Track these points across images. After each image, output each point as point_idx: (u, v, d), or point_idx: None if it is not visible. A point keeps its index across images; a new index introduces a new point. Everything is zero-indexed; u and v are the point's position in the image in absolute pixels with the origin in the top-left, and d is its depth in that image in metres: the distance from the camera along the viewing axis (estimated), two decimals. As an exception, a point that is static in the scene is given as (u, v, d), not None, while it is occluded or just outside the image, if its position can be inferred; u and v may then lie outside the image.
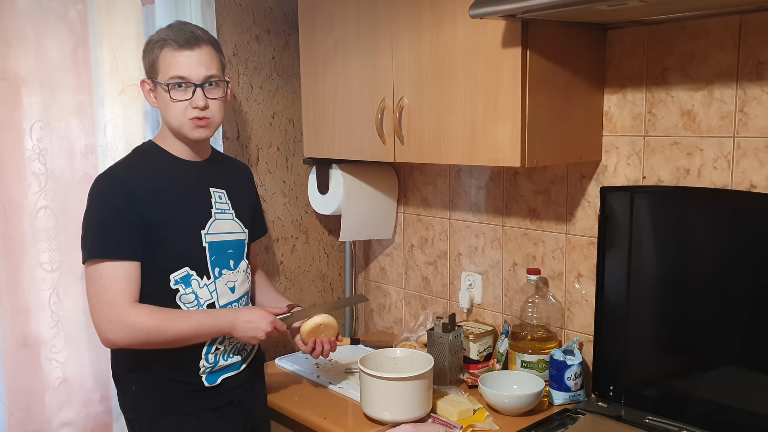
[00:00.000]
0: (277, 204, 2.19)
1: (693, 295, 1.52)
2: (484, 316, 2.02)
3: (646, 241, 1.59)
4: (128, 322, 1.41)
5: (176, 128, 1.51)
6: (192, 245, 1.51)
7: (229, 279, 1.58)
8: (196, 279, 1.51)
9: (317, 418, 1.66)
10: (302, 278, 2.29)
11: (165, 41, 1.48)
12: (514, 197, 1.91)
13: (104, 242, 1.43)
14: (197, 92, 1.47)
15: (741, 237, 1.44)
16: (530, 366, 1.75)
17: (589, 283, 1.76)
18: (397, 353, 1.74)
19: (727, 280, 1.46)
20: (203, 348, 1.53)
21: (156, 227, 1.46)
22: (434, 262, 2.16)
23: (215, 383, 1.55)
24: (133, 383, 1.54)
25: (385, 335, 2.28)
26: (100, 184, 1.49)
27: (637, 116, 1.61)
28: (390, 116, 1.76)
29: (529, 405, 1.62)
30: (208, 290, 1.53)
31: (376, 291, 2.36)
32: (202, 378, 1.53)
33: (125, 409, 1.57)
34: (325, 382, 1.85)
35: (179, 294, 1.50)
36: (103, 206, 1.46)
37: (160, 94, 1.50)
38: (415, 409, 1.57)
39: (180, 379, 1.52)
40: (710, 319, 1.50)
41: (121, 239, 1.44)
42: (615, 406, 1.64)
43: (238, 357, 1.60)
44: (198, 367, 1.52)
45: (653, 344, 1.62)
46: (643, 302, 1.61)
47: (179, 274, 1.50)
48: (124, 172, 1.51)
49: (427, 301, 2.19)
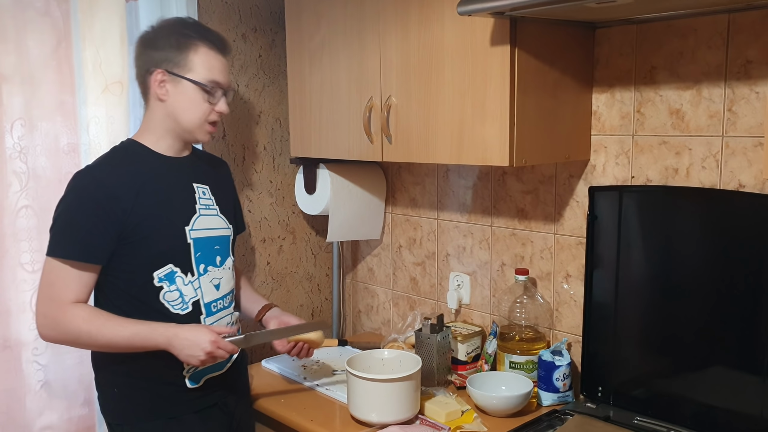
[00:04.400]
0: (263, 204, 2.17)
1: (681, 295, 1.52)
2: (473, 317, 2.01)
3: (635, 240, 1.59)
4: (61, 322, 1.41)
5: (188, 128, 1.49)
6: (176, 241, 1.48)
7: (214, 276, 1.55)
8: (180, 276, 1.49)
9: (304, 420, 1.63)
10: (289, 279, 2.27)
11: (204, 40, 1.47)
12: (502, 197, 1.90)
13: (66, 242, 1.42)
14: (223, 99, 1.50)
15: (729, 237, 1.44)
16: (518, 367, 1.73)
17: (578, 284, 1.75)
18: (385, 354, 1.72)
19: (715, 279, 1.46)
20: None
21: (136, 225, 1.44)
22: (422, 263, 2.15)
23: (198, 384, 1.53)
24: (115, 386, 1.51)
25: (373, 336, 2.26)
26: (76, 180, 1.46)
27: (626, 115, 1.61)
28: (378, 115, 1.74)
29: (517, 406, 1.61)
30: (193, 287, 1.50)
31: (364, 292, 2.34)
32: (185, 379, 1.51)
33: (106, 413, 1.55)
34: (312, 384, 1.83)
35: (163, 292, 1.47)
36: (74, 204, 1.43)
37: (182, 90, 1.46)
38: (403, 410, 1.56)
39: (163, 380, 1.50)
40: (698, 319, 1.49)
41: (85, 241, 1.41)
42: (603, 407, 1.63)
43: None
44: (182, 366, 1.49)
45: (642, 345, 1.61)
46: (632, 302, 1.61)
47: (163, 271, 1.47)
48: (103, 171, 1.47)
49: (415, 301, 2.18)
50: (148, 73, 1.48)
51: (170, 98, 1.47)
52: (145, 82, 1.49)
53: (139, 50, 1.51)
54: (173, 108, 1.48)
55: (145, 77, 1.49)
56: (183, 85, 1.46)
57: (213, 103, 1.48)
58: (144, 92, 1.52)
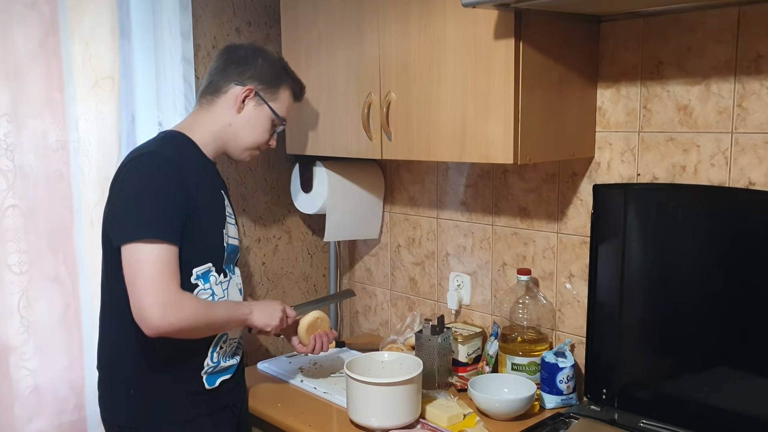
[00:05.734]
0: (258, 203, 2.12)
1: (688, 295, 1.49)
2: (473, 318, 1.97)
3: (640, 240, 1.55)
4: (182, 308, 1.35)
5: (242, 145, 1.57)
6: (216, 241, 1.48)
7: (237, 282, 1.59)
8: (214, 275, 1.48)
9: (301, 425, 1.59)
10: (285, 280, 2.22)
11: (294, 84, 1.64)
12: (504, 196, 1.85)
13: (161, 222, 1.36)
14: (275, 137, 1.64)
15: (738, 236, 1.40)
16: (521, 369, 1.70)
17: (581, 284, 1.71)
18: (385, 357, 1.68)
19: (723, 280, 1.43)
20: (210, 347, 1.48)
21: (195, 216, 1.42)
22: (421, 263, 2.10)
23: (214, 385, 1.51)
24: (133, 387, 1.46)
25: (371, 337, 2.22)
26: (147, 161, 1.41)
27: (632, 112, 1.57)
28: (377, 111, 1.69)
29: (520, 410, 1.57)
30: (222, 288, 1.51)
31: (362, 292, 2.30)
32: (203, 379, 1.48)
33: (117, 416, 1.49)
34: (310, 387, 1.79)
35: (197, 290, 1.45)
36: (155, 185, 1.38)
37: (259, 113, 1.56)
38: (404, 415, 1.52)
39: (182, 380, 1.47)
40: (706, 320, 1.46)
41: (174, 222, 1.38)
42: (608, 410, 1.60)
43: (234, 360, 1.57)
44: (202, 366, 1.48)
45: (647, 346, 1.57)
46: (637, 303, 1.57)
47: (202, 269, 1.46)
48: (172, 153, 1.44)
49: (414, 302, 2.14)
50: (236, 83, 1.54)
51: (245, 114, 1.54)
52: (226, 89, 1.54)
53: (231, 60, 1.56)
54: (241, 123, 1.55)
55: (229, 85, 1.54)
56: (263, 109, 1.56)
57: (271, 135, 1.61)
58: (214, 94, 1.55)
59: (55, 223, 1.66)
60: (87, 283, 1.71)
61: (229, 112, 1.54)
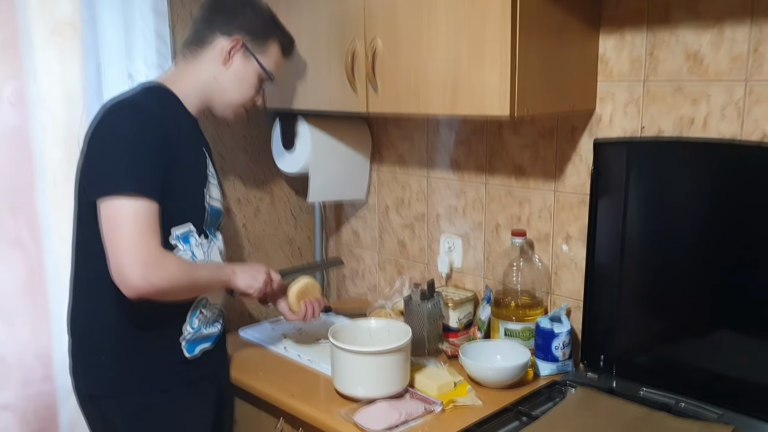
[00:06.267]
0: (237, 161, 2.00)
1: (693, 257, 1.40)
2: (465, 282, 1.88)
3: (644, 198, 1.46)
4: (165, 266, 1.28)
5: (227, 102, 1.49)
6: (197, 201, 1.41)
7: (219, 246, 1.50)
8: (195, 237, 1.40)
9: (284, 395, 1.51)
10: (268, 243, 2.11)
11: (283, 38, 1.54)
12: (498, 153, 1.75)
13: (141, 176, 1.27)
14: (263, 95, 1.56)
15: (750, 194, 1.30)
16: (514, 335, 1.61)
17: (579, 246, 1.62)
18: (372, 324, 1.59)
19: (731, 241, 1.33)
20: (188, 312, 1.41)
21: (173, 173, 1.32)
22: (411, 225, 2.00)
23: (194, 354, 1.43)
24: (104, 353, 1.37)
25: (359, 302, 2.13)
26: (128, 111, 1.32)
27: (637, 59, 1.45)
28: (361, 60, 1.57)
29: (514, 377, 1.50)
30: (203, 250, 1.42)
31: (349, 256, 2.20)
32: (182, 347, 1.41)
33: (87, 383, 1.41)
34: (293, 355, 1.70)
35: (176, 251, 1.37)
36: (135, 136, 1.29)
37: (246, 67, 1.47)
38: (392, 384, 1.43)
39: (160, 347, 1.39)
40: (710, 283, 1.37)
41: (155, 177, 1.29)
42: (606, 377, 1.52)
43: (215, 328, 1.49)
44: (180, 333, 1.40)
45: (647, 310, 1.49)
46: (638, 265, 1.48)
47: (181, 229, 1.37)
48: (153, 105, 1.35)
49: (403, 266, 2.04)
50: (223, 34, 1.45)
51: (232, 68, 1.46)
52: (212, 40, 1.45)
53: (218, 8, 1.47)
54: (227, 78, 1.46)
55: (215, 36, 1.45)
56: (250, 63, 1.47)
57: (258, 93, 1.52)
58: (199, 46, 1.46)
59: (14, 183, 1.54)
60: (52, 247, 1.60)
61: (215, 65, 1.45)
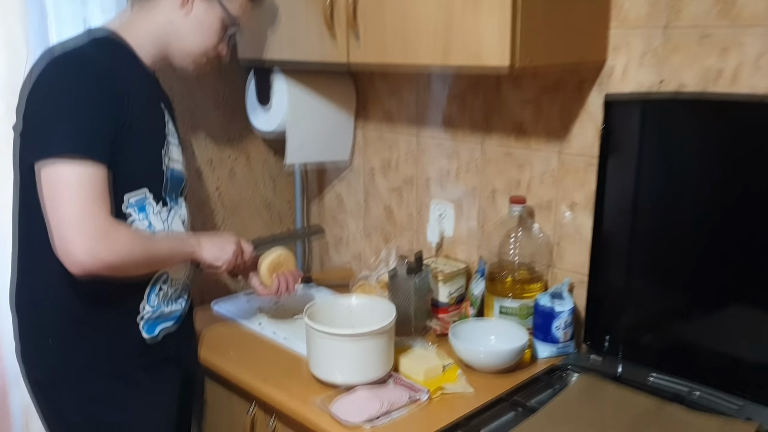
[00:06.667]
0: (209, 118, 1.81)
1: (713, 228, 1.24)
2: (457, 252, 1.72)
3: (659, 162, 1.29)
4: (115, 239, 1.12)
5: (187, 51, 1.31)
6: (154, 164, 1.26)
7: (181, 214, 1.34)
8: (151, 204, 1.24)
9: (255, 379, 1.36)
10: (244, 208, 1.94)
11: None
12: (496, 109, 1.56)
13: (86, 137, 1.11)
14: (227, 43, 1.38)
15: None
16: (511, 313, 1.46)
17: (585, 214, 1.45)
18: (352, 301, 1.43)
19: (756, 210, 1.17)
20: (146, 288, 1.26)
21: (125, 133, 1.16)
22: (398, 189, 1.83)
23: (154, 335, 1.28)
24: (51, 335, 1.22)
25: (342, 272, 1.97)
26: (71, 63, 1.15)
27: (656, 2, 1.26)
28: (342, 4, 1.37)
29: (509, 362, 1.35)
30: (161, 219, 1.27)
31: (332, 222, 2.03)
32: (139, 326, 1.26)
33: (34, 368, 1.26)
34: (268, 332, 1.55)
35: (131, 221, 1.22)
36: (79, 91, 1.12)
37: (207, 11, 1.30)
38: (373, 370, 1.29)
39: (115, 328, 1.24)
40: (730, 256, 1.22)
41: (102, 137, 1.13)
42: (611, 360, 1.38)
43: (178, 306, 1.34)
44: (137, 312, 1.25)
45: (659, 285, 1.34)
46: (650, 235, 1.33)
47: (136, 195, 1.22)
48: (101, 56, 1.18)
49: (389, 234, 1.88)
50: None
51: (192, 12, 1.29)
52: None
53: None
54: (187, 24, 1.29)
55: None
56: (213, 8, 1.31)
57: (222, 40, 1.36)
58: None
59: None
60: (-8, 216, 1.43)
61: (172, 9, 1.28)
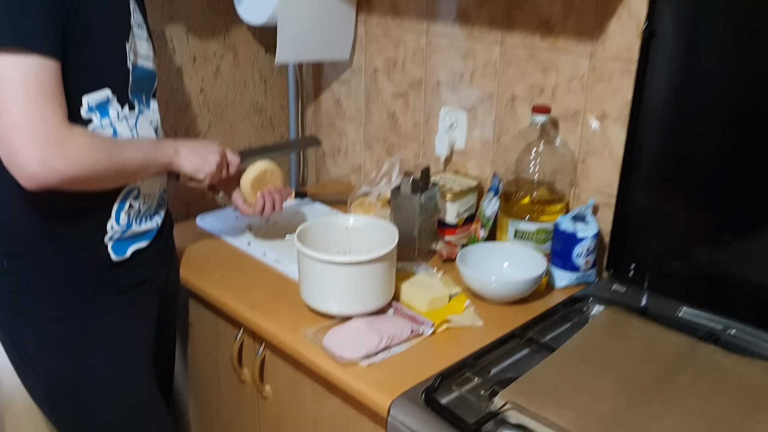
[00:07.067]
0: (191, 9, 1.59)
1: (765, 146, 1.06)
2: (467, 167, 1.55)
3: (710, 71, 1.10)
4: (73, 147, 0.96)
5: None
6: (118, 60, 1.06)
7: (152, 118, 1.16)
8: (116, 107, 1.06)
9: (241, 304, 1.23)
10: (232, 112, 1.75)
11: None
12: (519, 2, 1.34)
13: (31, 25, 0.92)
14: None
15: None
16: (527, 237, 1.31)
17: (616, 127, 1.27)
18: (350, 222, 1.27)
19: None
20: (114, 204, 1.10)
21: (80, 21, 0.98)
22: (404, 94, 1.63)
23: (124, 256, 1.13)
24: (7, 257, 1.08)
25: (340, 186, 1.82)
26: None
27: None
28: None
29: (524, 292, 1.21)
30: (128, 126, 1.09)
31: (329, 129, 1.85)
32: (107, 248, 1.11)
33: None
34: (258, 253, 1.41)
35: (92, 128, 1.04)
36: None
37: None
38: (372, 300, 1.15)
39: (79, 249, 1.09)
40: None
41: (51, 25, 0.94)
42: (635, 291, 1.25)
43: (153, 223, 1.19)
44: (104, 231, 1.10)
45: (695, 209, 1.18)
46: (694, 149, 1.16)
47: (96, 96, 1.04)
48: None
49: (393, 145, 1.70)
50: None
51: None
52: None
53: None
54: None
55: None
56: None
57: None
58: None
59: None
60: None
61: None
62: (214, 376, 1.40)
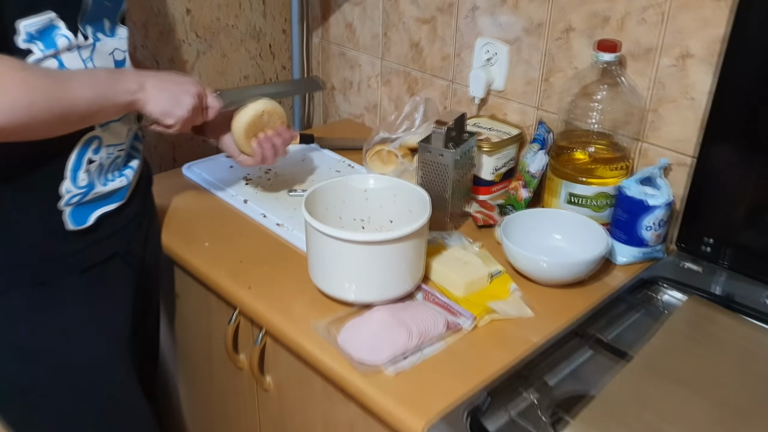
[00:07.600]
0: None
1: None
2: (507, 112, 1.30)
3: None
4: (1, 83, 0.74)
5: None
6: None
7: (115, 47, 0.91)
8: (62, 34, 0.82)
9: (235, 283, 1.01)
10: (224, 37, 1.48)
11: None
12: None
13: None
14: None
15: None
16: (582, 203, 1.09)
17: (701, 69, 1.02)
18: (369, 183, 1.04)
19: None
20: (68, 160, 0.86)
21: None
22: (432, 20, 1.36)
23: (86, 224, 0.91)
24: None
25: (352, 128, 1.57)
26: None
27: None
28: None
29: (583, 275, 1.00)
30: (80, 58, 0.84)
31: (340, 60, 1.58)
32: (64, 215, 0.88)
33: None
34: (256, 213, 1.18)
35: (33, 60, 0.81)
36: None
37: None
38: (398, 284, 0.93)
39: (27, 219, 0.87)
40: None
41: None
42: (711, 270, 1.04)
43: (122, 180, 0.96)
44: (58, 195, 0.87)
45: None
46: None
47: (36, 22, 0.79)
48: None
49: (416, 81, 1.44)
50: None
51: None
52: None
53: None
54: None
55: None
56: None
57: None
58: None
59: None
60: None
61: None
62: (206, 358, 1.20)
